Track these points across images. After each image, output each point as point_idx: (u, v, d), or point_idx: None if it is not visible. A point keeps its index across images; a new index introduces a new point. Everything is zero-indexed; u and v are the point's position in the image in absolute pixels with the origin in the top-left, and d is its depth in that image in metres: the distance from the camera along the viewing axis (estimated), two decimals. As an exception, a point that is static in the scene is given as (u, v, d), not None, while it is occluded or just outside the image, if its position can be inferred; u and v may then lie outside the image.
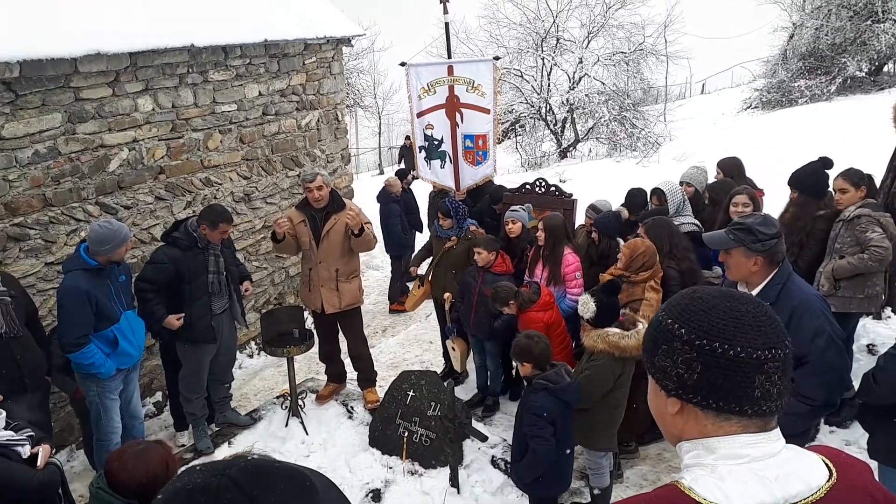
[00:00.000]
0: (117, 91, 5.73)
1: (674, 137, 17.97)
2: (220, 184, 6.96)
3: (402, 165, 17.02)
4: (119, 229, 4.30)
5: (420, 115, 7.09)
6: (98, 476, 2.43)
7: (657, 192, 5.48)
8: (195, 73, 6.46)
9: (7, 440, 3.01)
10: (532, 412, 3.76)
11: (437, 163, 7.15)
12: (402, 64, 7.28)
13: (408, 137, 17.73)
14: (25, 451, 3.06)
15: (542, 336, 3.95)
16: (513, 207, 5.79)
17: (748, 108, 21.93)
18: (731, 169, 6.05)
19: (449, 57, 8.34)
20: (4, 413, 3.09)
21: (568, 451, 3.95)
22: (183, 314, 4.83)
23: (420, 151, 7.23)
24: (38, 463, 3.06)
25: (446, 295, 5.65)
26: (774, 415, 1.19)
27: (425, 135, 7.10)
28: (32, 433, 3.17)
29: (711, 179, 6.18)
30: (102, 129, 5.66)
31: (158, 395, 6.45)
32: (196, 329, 4.88)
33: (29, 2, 5.17)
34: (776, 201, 5.52)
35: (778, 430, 1.20)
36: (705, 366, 1.16)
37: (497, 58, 7.46)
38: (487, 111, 6.78)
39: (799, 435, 3.05)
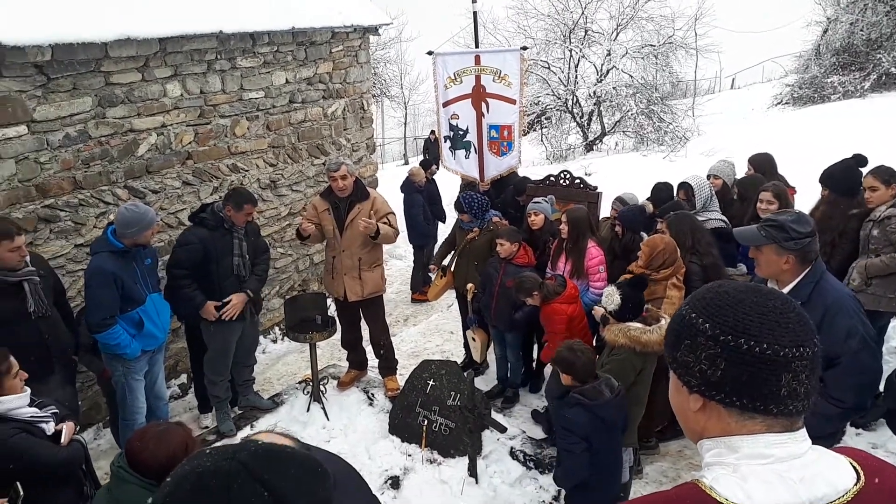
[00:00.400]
0: (146, 76, 5.78)
1: (702, 132, 17.72)
2: (247, 170, 7.01)
3: (427, 156, 17.01)
4: (145, 213, 4.36)
5: (446, 104, 7.07)
6: (119, 455, 2.46)
7: (685, 186, 5.41)
8: (223, 60, 6.50)
9: (31, 416, 3.08)
10: (563, 425, 3.63)
11: (461, 153, 7.13)
12: (430, 53, 7.26)
13: (433, 132, 17.74)
14: (50, 427, 3.12)
15: (585, 349, 3.74)
16: (535, 199, 5.75)
17: (779, 103, 21.53)
18: (763, 165, 5.94)
19: (476, 46, 8.31)
20: (29, 390, 3.14)
21: (609, 467, 3.73)
22: (219, 303, 4.90)
23: (445, 141, 7.22)
24: (63, 440, 3.12)
25: (469, 286, 5.64)
26: (801, 415, 1.15)
27: (450, 124, 7.09)
28: (56, 410, 3.24)
29: (740, 174, 6.09)
30: (132, 113, 5.72)
31: (183, 378, 6.53)
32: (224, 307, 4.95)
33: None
34: (807, 199, 5.42)
35: (804, 430, 1.17)
36: (729, 362, 1.13)
37: (524, 48, 7.41)
38: (513, 101, 6.75)
39: (827, 437, 2.99)
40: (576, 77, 19.68)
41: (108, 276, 4.22)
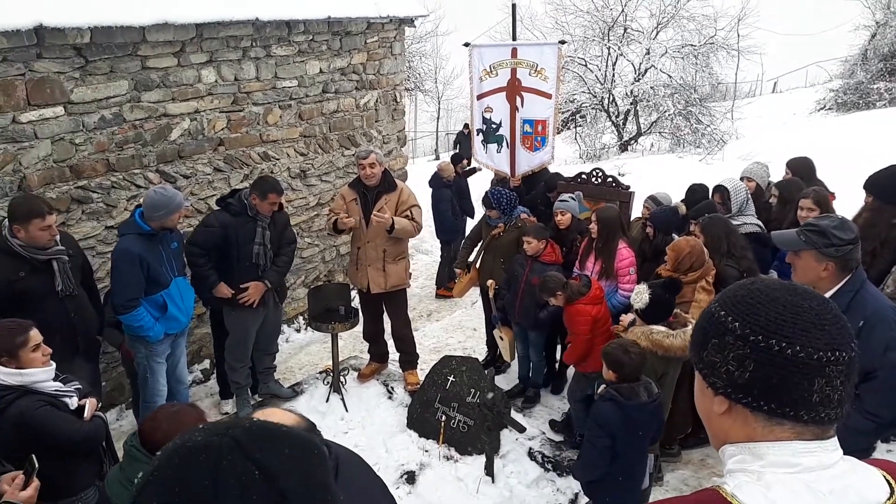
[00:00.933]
0: (182, 61, 5.82)
1: (741, 135, 17.38)
2: (278, 159, 7.03)
3: (457, 151, 16.97)
4: (173, 196, 4.39)
5: (480, 97, 7.00)
6: (132, 434, 2.47)
7: (720, 189, 5.26)
8: (258, 48, 6.52)
9: (56, 390, 3.12)
10: (593, 419, 3.59)
11: (493, 147, 7.06)
12: (466, 44, 7.19)
13: (466, 125, 17.67)
14: (73, 402, 3.15)
15: (639, 352, 3.65)
16: (561, 197, 5.61)
17: (822, 108, 21.02)
18: (801, 169, 5.77)
19: (514, 40, 8.21)
20: (54, 365, 3.18)
21: (629, 470, 3.66)
22: (233, 292, 4.94)
23: (477, 134, 7.15)
24: (85, 415, 3.16)
25: (490, 282, 5.57)
26: (833, 423, 1.08)
27: (484, 117, 7.01)
28: (80, 386, 3.27)
29: (776, 178, 5.93)
30: (166, 98, 5.76)
31: (206, 363, 6.59)
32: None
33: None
34: (848, 206, 5.25)
35: (835, 439, 1.10)
36: (759, 364, 1.06)
37: (563, 42, 7.30)
38: (549, 96, 6.65)
39: (859, 452, 2.87)
40: (613, 75, 19.42)
41: (134, 258, 4.26)
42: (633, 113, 19.82)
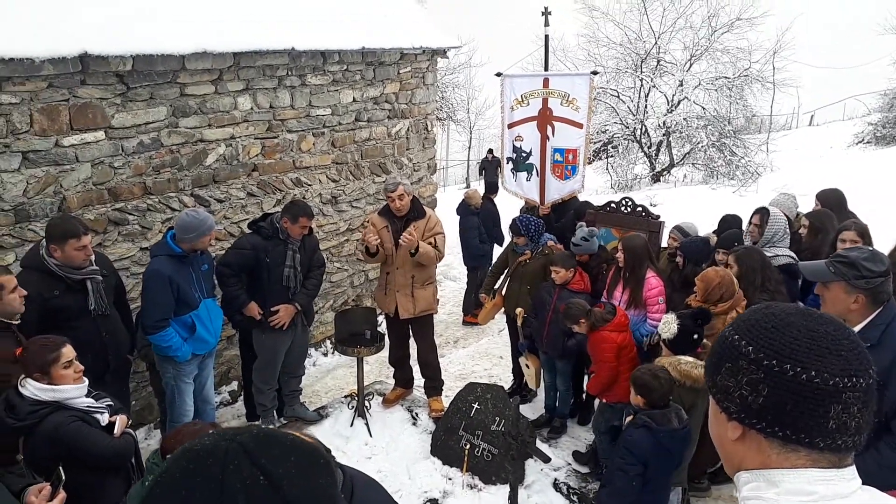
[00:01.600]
0: (219, 89, 5.99)
1: (775, 168, 17.17)
2: (310, 185, 7.15)
3: (483, 178, 17.04)
4: (205, 219, 4.48)
5: (511, 126, 7.05)
6: (154, 452, 2.50)
7: (762, 211, 5.15)
8: (294, 76, 6.68)
9: (87, 406, 3.17)
10: (625, 445, 3.53)
11: (523, 175, 7.08)
12: (498, 74, 7.27)
13: (490, 150, 17.77)
14: (104, 419, 3.21)
15: (668, 377, 3.62)
16: (574, 241, 5.48)
17: (860, 142, 20.68)
18: (831, 201, 5.65)
19: (546, 70, 8.28)
20: (87, 381, 3.24)
21: (657, 499, 3.64)
22: (262, 312, 5.00)
23: (507, 163, 7.19)
24: (115, 431, 3.21)
25: (518, 310, 5.54)
26: (851, 451, 1.05)
27: (514, 146, 7.05)
28: (111, 403, 3.33)
29: (805, 210, 5.82)
30: (203, 124, 5.92)
31: (234, 385, 6.65)
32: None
33: (143, 0, 5.49)
34: (886, 239, 5.13)
35: (853, 468, 1.06)
36: (773, 389, 1.04)
37: (595, 72, 7.34)
38: (580, 126, 6.66)
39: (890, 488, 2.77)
40: (645, 106, 19.41)
41: (164, 279, 4.35)
42: (665, 144, 19.73)
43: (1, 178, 4.65)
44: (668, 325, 3.90)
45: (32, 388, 3.02)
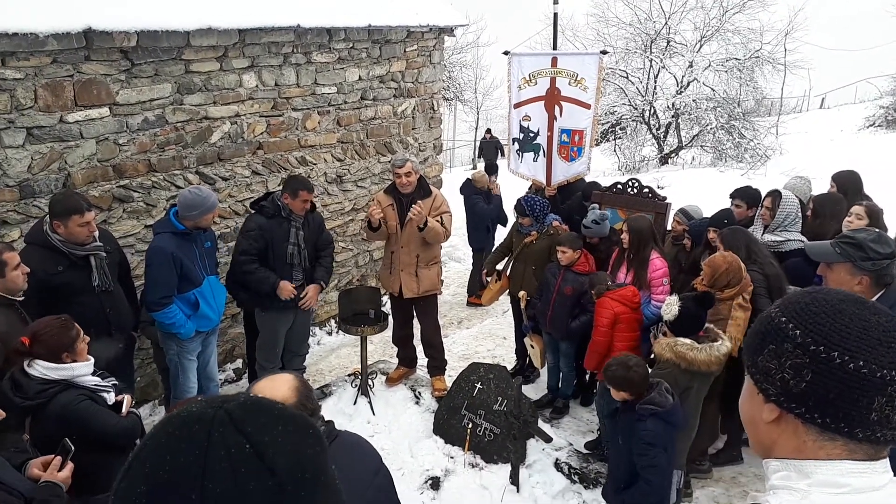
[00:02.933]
0: (224, 66, 5.95)
1: (785, 151, 17.04)
2: (315, 164, 7.12)
3: (482, 160, 16.89)
4: (207, 196, 4.47)
5: (518, 105, 6.97)
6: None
7: (774, 193, 5.11)
8: (299, 54, 6.63)
9: (95, 385, 3.17)
10: (645, 442, 3.45)
11: (529, 155, 7.02)
12: (506, 53, 7.18)
13: (489, 130, 17.63)
14: (111, 398, 3.21)
15: (640, 364, 3.59)
16: (586, 223, 5.47)
17: (871, 125, 20.47)
18: (847, 183, 5.59)
19: (554, 49, 8.17)
20: (93, 360, 3.24)
21: (667, 482, 3.63)
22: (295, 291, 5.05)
23: (513, 143, 7.12)
24: (123, 410, 3.22)
25: (521, 293, 5.54)
26: (888, 444, 1.03)
27: (521, 126, 6.98)
28: (116, 382, 3.34)
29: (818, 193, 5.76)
30: (208, 101, 5.89)
31: (239, 363, 6.69)
32: (277, 296, 5.03)
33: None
34: (894, 224, 5.09)
35: (886, 461, 1.05)
36: (817, 375, 1.02)
37: (604, 52, 7.24)
38: (588, 106, 6.58)
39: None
40: (654, 88, 19.24)
41: (167, 256, 4.35)
42: (674, 126, 19.58)
43: (6, 154, 4.65)
44: (670, 306, 3.89)
45: (41, 368, 3.00)
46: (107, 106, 5.17)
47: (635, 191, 6.12)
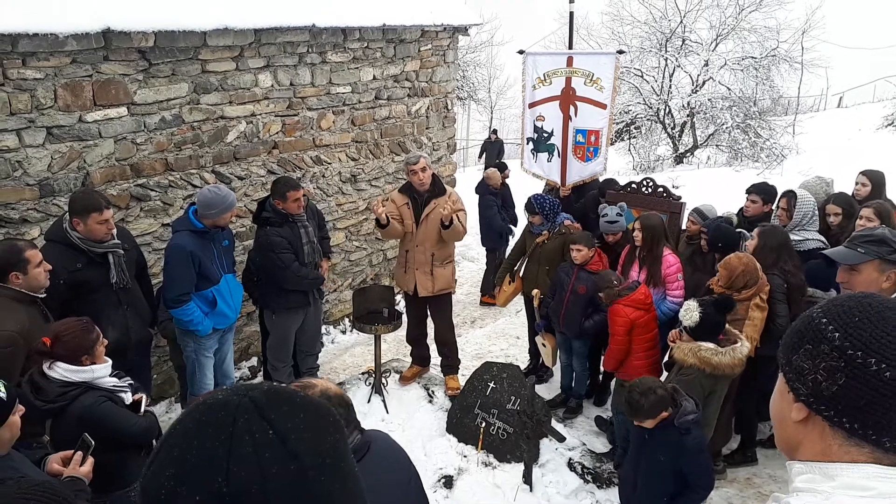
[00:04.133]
0: (240, 66, 5.99)
1: (801, 150, 16.87)
2: (329, 163, 7.16)
3: (483, 160, 16.77)
4: (226, 196, 4.51)
5: (532, 105, 6.95)
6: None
7: (789, 194, 5.08)
8: (314, 54, 6.66)
9: (113, 386, 3.21)
10: (698, 451, 3.41)
11: (543, 155, 6.99)
12: (520, 52, 7.16)
13: (495, 131, 17.51)
14: (128, 397, 3.24)
15: (649, 387, 3.41)
16: (609, 217, 5.41)
17: (890, 124, 20.21)
18: (878, 180, 5.58)
19: (570, 48, 8.14)
20: (110, 361, 3.28)
21: None
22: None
23: (527, 143, 7.11)
24: (140, 410, 3.26)
25: (534, 292, 5.54)
26: None
27: (535, 126, 6.96)
28: (132, 381, 3.38)
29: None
30: (224, 101, 5.94)
31: (254, 360, 6.74)
32: (293, 297, 5.07)
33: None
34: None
35: None
36: (850, 380, 1.02)
37: (621, 51, 7.20)
38: (604, 106, 6.55)
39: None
40: (670, 87, 19.12)
41: (186, 254, 4.39)
42: (689, 125, 19.46)
43: (26, 153, 4.71)
44: (690, 312, 3.85)
45: (62, 370, 3.02)
46: (125, 105, 5.22)
47: (650, 190, 6.10)
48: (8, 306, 3.48)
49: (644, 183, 6.17)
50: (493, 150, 16.22)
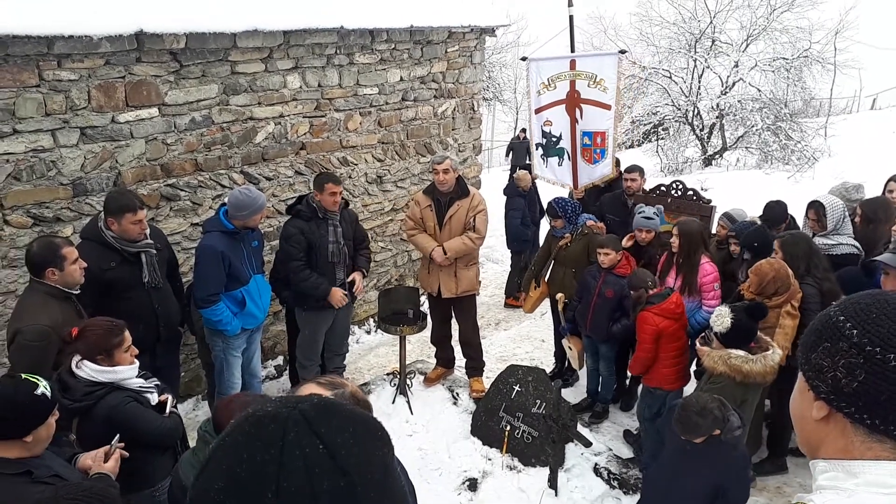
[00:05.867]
0: (269, 67, 6.04)
1: (833, 153, 16.54)
2: (356, 164, 7.19)
3: (509, 161, 16.64)
4: (257, 197, 4.56)
5: (538, 110, 6.91)
6: (206, 420, 2.56)
7: (815, 205, 4.98)
8: (342, 55, 6.69)
9: (139, 387, 3.25)
10: (744, 468, 3.41)
11: (554, 160, 6.95)
12: (524, 59, 7.14)
13: (524, 130, 17.37)
14: (154, 398, 3.29)
15: (705, 407, 3.28)
16: (645, 213, 5.35)
17: (926, 127, 19.74)
18: None
19: (572, 52, 8.09)
20: (138, 363, 3.32)
21: None
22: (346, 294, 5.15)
23: (537, 149, 7.07)
24: (166, 411, 3.30)
25: (558, 296, 5.50)
26: None
27: (543, 131, 6.92)
28: (158, 382, 3.42)
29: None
30: (253, 102, 5.99)
31: (280, 359, 6.78)
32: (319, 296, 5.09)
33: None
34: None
35: None
36: (870, 376, 1.01)
37: (623, 51, 7.13)
38: (608, 107, 6.47)
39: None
40: (699, 88, 18.87)
41: (217, 255, 4.44)
42: (718, 127, 19.19)
43: (60, 153, 4.79)
44: (722, 318, 3.79)
45: (89, 370, 3.07)
46: (156, 106, 5.29)
47: (679, 193, 6.02)
48: (42, 301, 3.55)
49: (673, 186, 6.10)
50: (520, 150, 16.12)
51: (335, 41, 6.51)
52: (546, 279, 5.85)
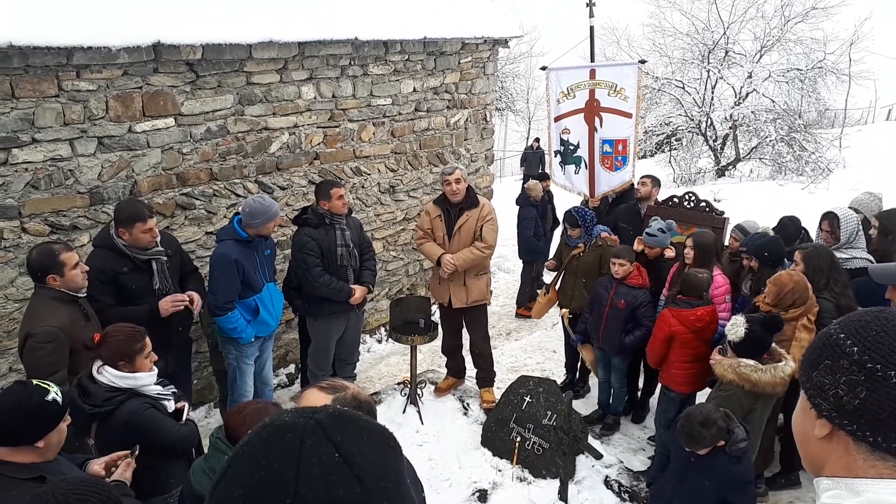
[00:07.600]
0: (284, 78, 6.10)
1: (848, 164, 16.44)
2: (369, 174, 7.23)
3: (523, 170, 16.64)
4: (270, 206, 4.59)
5: (557, 119, 6.97)
6: (218, 428, 2.58)
7: (829, 216, 4.95)
8: (356, 66, 6.75)
9: (157, 394, 3.28)
10: (746, 481, 3.37)
11: (571, 168, 6.98)
12: (543, 68, 7.19)
13: (538, 139, 17.38)
14: (171, 405, 3.31)
15: (709, 418, 3.30)
16: (651, 230, 5.32)
17: (942, 138, 19.57)
18: None
19: (592, 61, 8.12)
20: (156, 370, 3.35)
21: None
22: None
23: (555, 156, 7.10)
24: (183, 418, 3.32)
25: (562, 311, 5.51)
26: None
27: (561, 139, 6.96)
28: (175, 390, 3.45)
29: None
30: (268, 112, 6.05)
31: (292, 368, 6.81)
32: (334, 302, 5.11)
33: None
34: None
35: None
36: (871, 393, 1.02)
37: (643, 61, 7.15)
38: (629, 115, 6.52)
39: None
40: (712, 99, 18.83)
41: (231, 263, 4.48)
42: (731, 137, 19.12)
43: (78, 162, 4.86)
44: (736, 327, 3.78)
45: (110, 375, 3.11)
46: (172, 116, 5.36)
47: (692, 204, 6.01)
48: (49, 305, 3.61)
49: (686, 197, 6.09)
50: (534, 159, 16.13)
51: (349, 52, 6.56)
52: (556, 287, 5.85)
